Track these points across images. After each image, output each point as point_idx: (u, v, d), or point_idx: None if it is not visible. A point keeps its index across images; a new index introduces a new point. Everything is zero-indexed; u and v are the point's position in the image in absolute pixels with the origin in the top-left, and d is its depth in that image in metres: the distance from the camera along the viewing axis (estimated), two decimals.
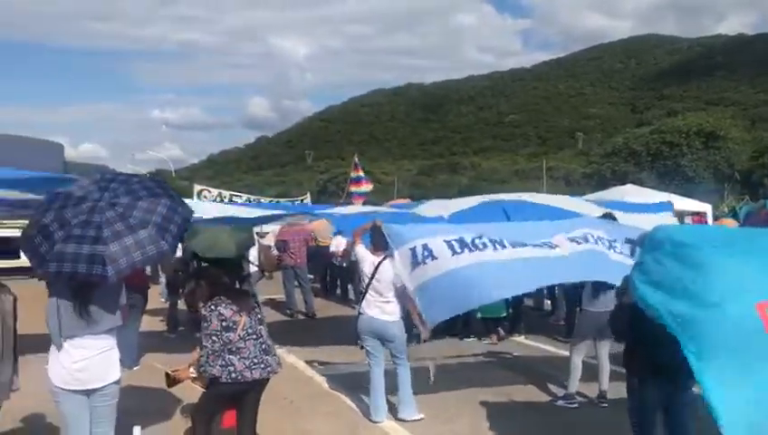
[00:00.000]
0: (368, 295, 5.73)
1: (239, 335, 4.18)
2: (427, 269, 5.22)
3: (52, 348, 3.78)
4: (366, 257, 5.80)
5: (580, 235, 5.76)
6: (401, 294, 5.59)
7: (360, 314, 5.83)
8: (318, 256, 13.39)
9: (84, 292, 3.68)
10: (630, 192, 12.93)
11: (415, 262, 5.30)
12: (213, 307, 4.19)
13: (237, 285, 5.06)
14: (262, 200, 19.61)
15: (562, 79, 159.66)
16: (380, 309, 5.64)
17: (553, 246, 5.62)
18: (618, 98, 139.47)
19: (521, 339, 9.38)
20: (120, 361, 3.96)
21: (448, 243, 5.29)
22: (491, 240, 5.41)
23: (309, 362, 7.91)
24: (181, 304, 9.28)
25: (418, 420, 5.74)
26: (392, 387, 5.88)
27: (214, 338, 4.14)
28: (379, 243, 5.72)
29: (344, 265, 12.50)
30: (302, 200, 20.87)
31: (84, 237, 3.45)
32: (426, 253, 5.27)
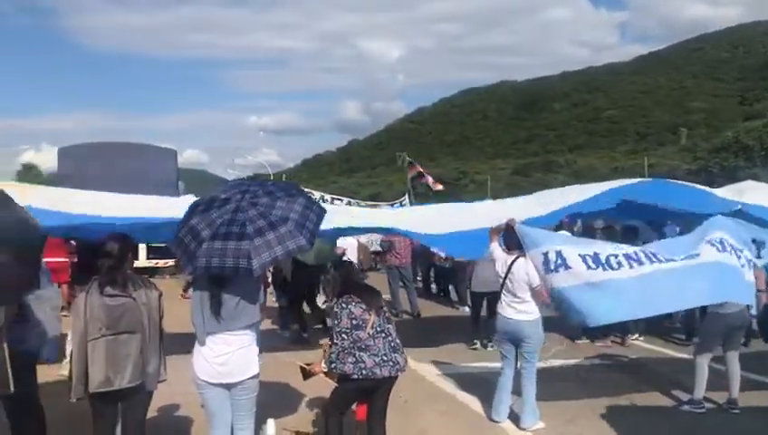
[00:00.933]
0: (502, 296, 5.66)
1: (368, 333, 4.28)
2: (558, 277, 5.17)
3: (197, 343, 4.02)
4: (499, 257, 5.75)
5: (718, 238, 5.51)
6: (536, 293, 5.49)
7: (497, 314, 5.74)
8: (421, 256, 13.46)
9: (225, 289, 3.89)
10: (751, 188, 12.18)
11: (546, 268, 5.25)
12: (343, 305, 4.31)
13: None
14: (360, 203, 19.96)
15: (663, 72, 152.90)
16: (515, 309, 5.54)
17: (697, 255, 5.40)
18: (724, 90, 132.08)
19: (637, 341, 9.06)
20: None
21: (583, 257, 5.20)
22: (627, 257, 5.27)
23: (418, 361, 7.96)
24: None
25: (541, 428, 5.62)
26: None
27: (343, 335, 4.26)
28: (512, 243, 5.67)
29: (447, 265, 12.50)
30: (400, 202, 21.06)
31: (230, 235, 3.68)
32: (559, 261, 5.21)
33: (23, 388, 3.87)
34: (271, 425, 4.63)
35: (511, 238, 5.69)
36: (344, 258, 10.43)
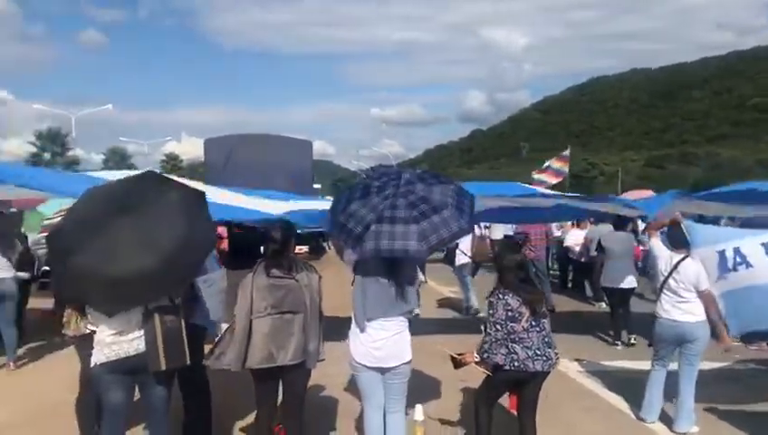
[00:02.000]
0: (663, 295, 5.35)
1: (523, 326, 4.24)
2: (739, 277, 4.85)
3: (354, 326, 4.16)
4: (662, 254, 5.45)
5: None
6: (704, 298, 5.17)
7: (657, 317, 5.40)
8: (556, 249, 13.14)
9: (386, 276, 4.00)
10: None
11: (724, 267, 4.93)
12: (500, 296, 4.30)
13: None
14: None
15: None
16: (680, 310, 5.21)
17: None
18: None
19: None
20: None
21: (766, 246, 4.83)
22: None
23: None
24: None
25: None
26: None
27: (498, 326, 4.25)
28: (678, 240, 5.38)
29: (582, 259, 12.11)
30: None
31: (395, 218, 3.78)
32: (738, 259, 4.88)
33: (195, 362, 4.17)
34: (419, 410, 4.70)
35: (676, 235, 5.39)
36: (459, 248, 10.44)
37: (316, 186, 24.90)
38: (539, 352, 4.25)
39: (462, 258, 10.71)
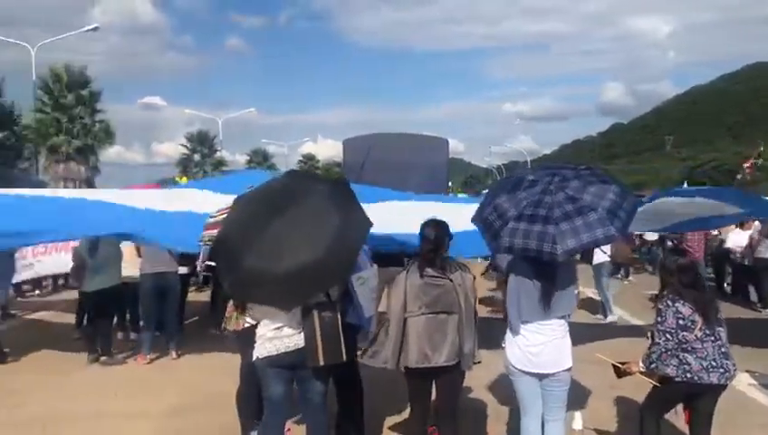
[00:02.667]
0: None
1: (696, 335, 3.89)
2: None
3: (509, 330, 4.01)
4: None
5: None
6: None
7: None
8: (717, 251, 12.17)
9: (544, 278, 3.81)
10: None
11: None
12: (669, 303, 3.97)
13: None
14: None
15: None
16: None
17: None
18: None
19: None
20: None
21: None
22: None
23: None
24: None
25: None
26: None
27: (668, 335, 3.93)
28: None
29: (746, 262, 11.13)
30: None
31: (535, 217, 3.60)
32: None
33: (350, 358, 4.19)
34: (578, 419, 4.49)
35: None
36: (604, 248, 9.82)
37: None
38: (715, 364, 3.89)
39: (600, 256, 10.04)
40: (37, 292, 13.40)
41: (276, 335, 3.92)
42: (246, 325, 4.39)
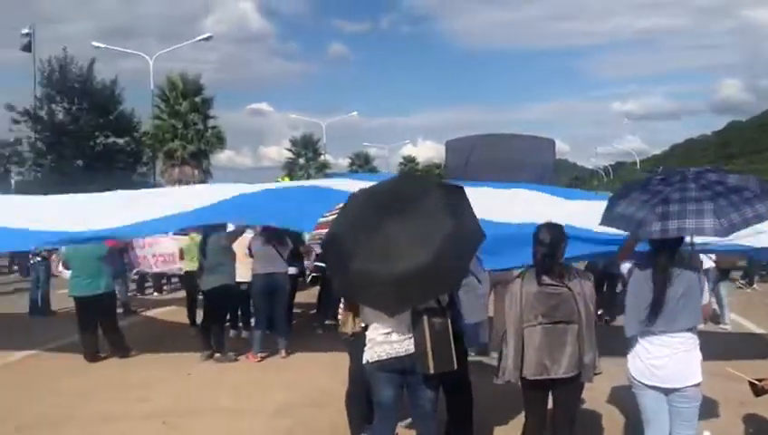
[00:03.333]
0: None
1: None
2: None
3: (630, 340, 3.78)
4: None
5: None
6: None
7: None
8: None
9: (666, 285, 3.57)
10: None
11: None
12: None
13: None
14: None
15: None
16: None
17: None
18: None
19: None
20: None
21: None
22: None
23: None
24: None
25: None
26: None
27: None
28: None
29: None
30: None
31: (685, 198, 3.44)
32: None
33: (460, 365, 4.09)
34: None
35: None
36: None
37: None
38: None
39: (705, 262, 9.39)
40: (155, 293, 14.20)
41: (386, 340, 3.87)
42: (359, 329, 4.37)
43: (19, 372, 7.59)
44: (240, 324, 9.22)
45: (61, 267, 9.17)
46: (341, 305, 4.63)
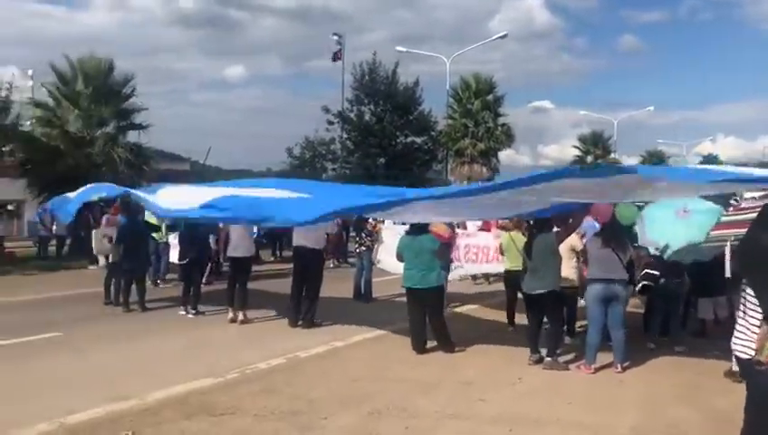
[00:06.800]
0: None
1: None
2: None
3: None
4: None
5: None
6: None
7: None
8: None
9: None
10: None
11: None
12: None
13: None
14: None
15: None
16: None
17: None
18: None
19: None
20: None
21: None
22: None
23: None
24: None
25: None
26: None
27: None
28: None
29: None
30: None
31: None
32: None
33: None
34: None
35: None
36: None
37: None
38: None
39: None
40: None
41: None
42: None
43: (347, 360, 7.96)
44: (565, 328, 8.72)
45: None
46: (762, 327, 3.81)
